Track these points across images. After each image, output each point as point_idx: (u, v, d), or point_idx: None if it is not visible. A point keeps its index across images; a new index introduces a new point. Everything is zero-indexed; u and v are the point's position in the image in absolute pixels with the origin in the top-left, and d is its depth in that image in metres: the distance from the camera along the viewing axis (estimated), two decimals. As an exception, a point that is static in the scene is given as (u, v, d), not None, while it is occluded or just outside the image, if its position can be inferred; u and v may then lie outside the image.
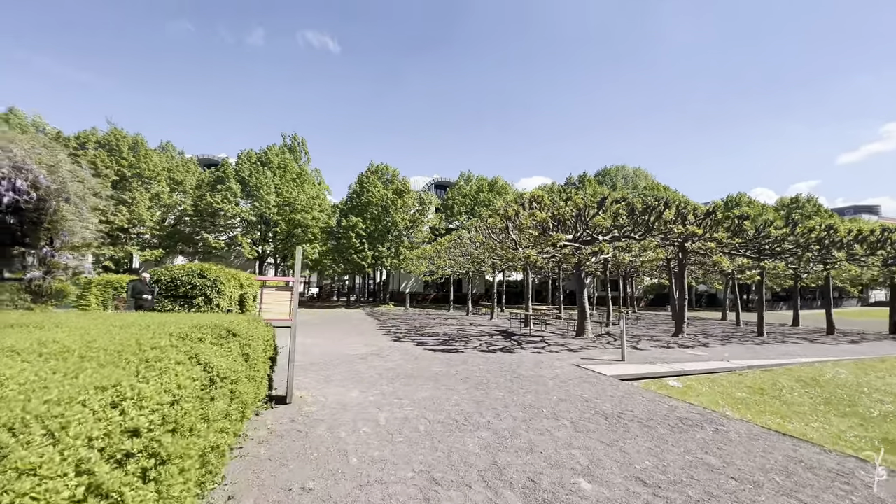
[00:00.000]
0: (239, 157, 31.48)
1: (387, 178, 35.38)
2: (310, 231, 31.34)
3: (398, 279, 40.39)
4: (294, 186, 31.48)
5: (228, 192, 28.62)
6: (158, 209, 30.43)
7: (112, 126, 30.37)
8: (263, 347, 4.65)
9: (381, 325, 16.90)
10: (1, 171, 9.05)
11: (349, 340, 11.83)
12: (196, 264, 12.98)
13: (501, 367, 8.19)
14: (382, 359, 8.80)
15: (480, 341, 12.36)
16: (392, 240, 33.06)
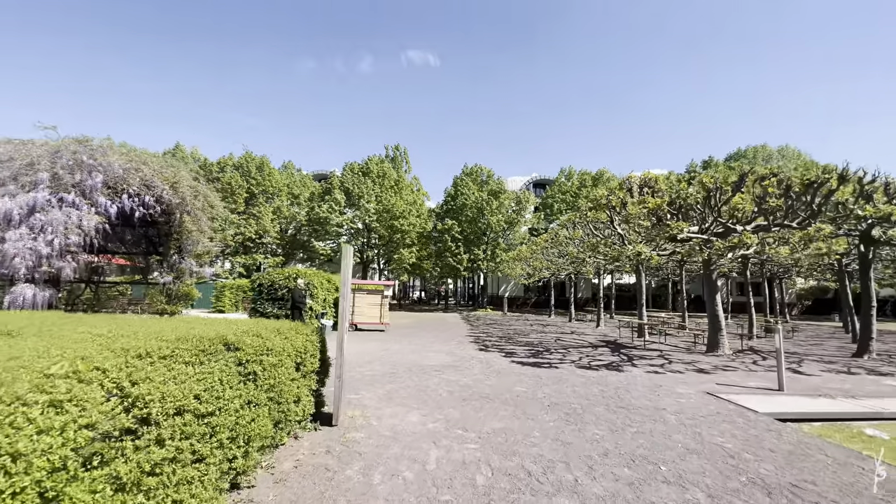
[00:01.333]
0: (344, 168, 33.74)
1: (482, 180, 34.61)
2: (407, 236, 32.08)
3: (496, 283, 39.23)
4: (392, 194, 32.56)
5: (333, 202, 30.72)
6: (279, 221, 34.12)
7: (246, 150, 34.94)
8: (297, 360, 3.97)
9: (472, 331, 15.93)
10: (132, 188, 10.37)
11: (432, 347, 11.08)
12: (294, 269, 13.61)
13: (604, 392, 6.52)
14: (460, 372, 7.77)
15: (581, 354, 10.57)
16: (488, 242, 32.11)
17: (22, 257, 7.89)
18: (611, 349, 11.70)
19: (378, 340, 12.44)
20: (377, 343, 11.80)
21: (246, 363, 2.96)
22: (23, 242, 7.93)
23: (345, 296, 4.67)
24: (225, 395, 2.61)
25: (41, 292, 8.42)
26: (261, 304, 12.73)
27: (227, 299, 24.13)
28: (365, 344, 11.49)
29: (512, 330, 16.98)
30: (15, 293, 7.99)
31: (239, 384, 2.83)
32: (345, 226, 32.16)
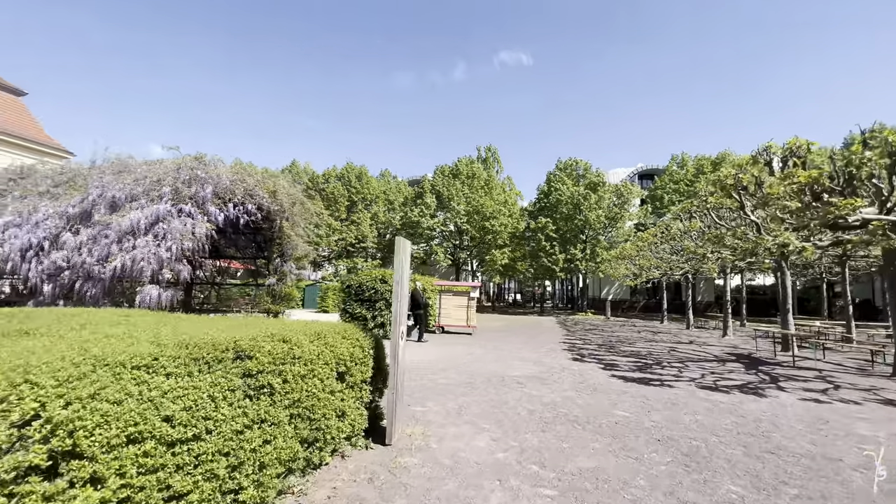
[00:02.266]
0: (435, 172, 34.25)
1: (577, 174, 32.22)
2: (499, 237, 31.23)
3: (597, 284, 36.16)
4: (482, 194, 32.02)
5: (424, 205, 31.25)
6: (376, 226, 35.94)
7: (348, 162, 37.58)
8: (340, 369, 3.48)
9: (568, 337, 14.44)
10: (237, 198, 11.37)
11: (519, 354, 10.08)
12: (380, 271, 13.76)
13: (740, 425, 4.94)
14: (547, 386, 6.70)
15: (703, 370, 8.63)
16: (587, 240, 29.66)
17: (147, 261, 9.00)
18: (745, 365, 9.42)
19: (462, 344, 11.84)
20: (460, 347, 11.19)
21: (257, 375, 2.49)
22: (148, 248, 9.04)
23: (399, 296, 4.09)
24: (218, 415, 2.14)
25: (164, 292, 9.55)
26: (350, 304, 13.08)
27: (330, 300, 25.94)
28: (446, 347, 10.97)
29: (615, 337, 15.04)
30: (143, 293, 9.16)
31: (244, 400, 2.37)
32: (437, 228, 32.54)
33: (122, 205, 9.74)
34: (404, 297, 4.23)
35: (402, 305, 4.12)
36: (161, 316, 4.29)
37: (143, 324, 3.22)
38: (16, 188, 11.30)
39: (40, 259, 9.44)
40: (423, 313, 12.72)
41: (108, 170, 10.88)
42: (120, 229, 9.13)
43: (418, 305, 12.63)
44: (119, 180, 10.21)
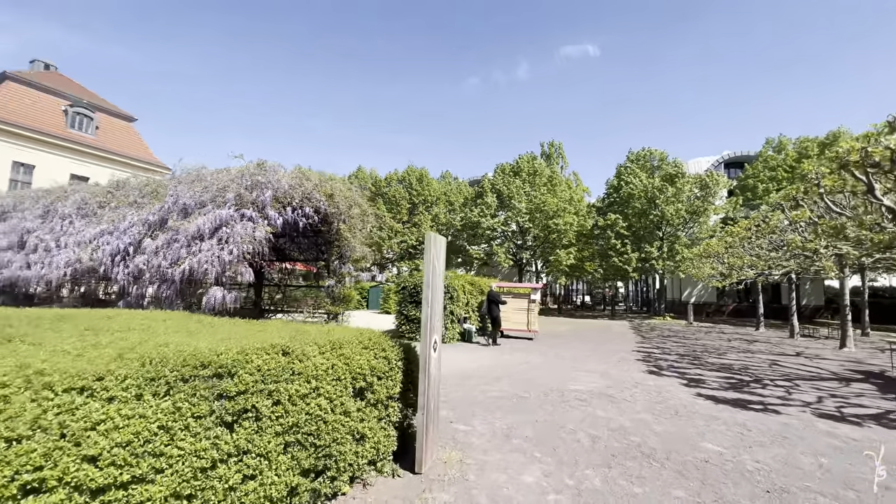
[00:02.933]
0: (495, 170, 33.42)
1: (651, 165, 29.51)
2: (564, 236, 29.56)
3: (678, 285, 32.83)
4: (545, 192, 30.55)
5: (484, 205, 30.54)
6: (437, 228, 35.93)
7: (409, 165, 38.12)
8: (359, 385, 3.02)
9: (642, 345, 12.92)
10: (295, 201, 11.67)
11: (584, 365, 9.05)
12: (436, 271, 13.43)
13: (894, 477, 3.69)
14: (615, 405, 5.74)
15: (820, 392, 7.01)
16: (663, 237, 27.00)
17: (210, 264, 9.44)
18: (878, 387, 7.55)
19: (520, 350, 11.02)
20: (517, 354, 10.40)
21: (237, 396, 2.07)
22: (211, 252, 9.48)
23: (430, 300, 3.53)
24: (174, 449, 1.74)
25: (228, 294, 9.99)
26: (405, 306, 12.85)
27: (392, 302, 26.26)
28: (502, 355, 10.23)
29: (700, 346, 13.20)
30: (209, 294, 9.62)
31: (217, 428, 1.96)
32: (498, 228, 31.67)
33: (193, 211, 10.37)
34: (437, 302, 3.67)
35: (433, 310, 3.57)
36: (198, 320, 4.13)
37: (161, 329, 3.02)
38: (112, 200, 12.58)
39: (126, 263, 10.34)
40: (499, 316, 12.15)
41: (183, 179, 11.73)
42: (188, 234, 9.71)
43: (495, 306, 12.14)
44: (191, 188, 10.92)
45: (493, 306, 12.14)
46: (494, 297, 12.38)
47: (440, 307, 3.79)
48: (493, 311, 12.13)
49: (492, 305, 12.16)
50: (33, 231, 12.54)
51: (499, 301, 12.42)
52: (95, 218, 11.89)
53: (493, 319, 12.10)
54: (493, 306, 12.15)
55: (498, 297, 12.50)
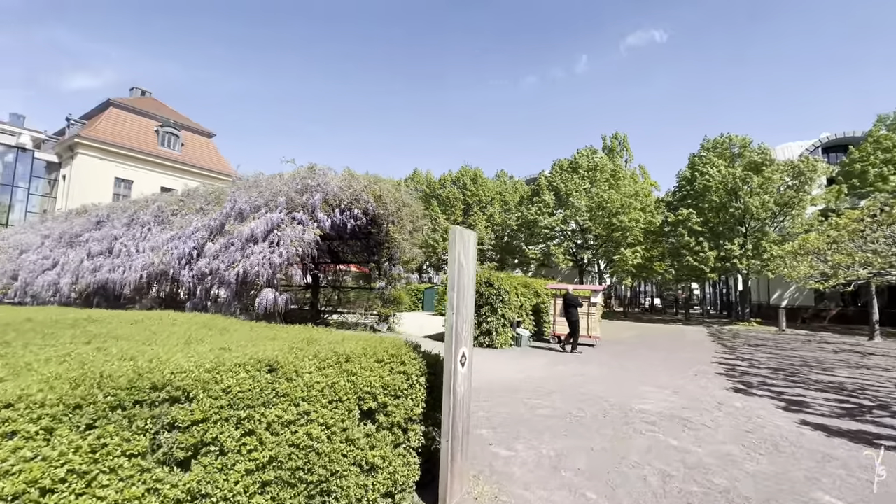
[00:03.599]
0: (552, 167, 31.99)
1: (732, 153, 26.44)
2: (629, 234, 27.44)
3: (764, 287, 29.14)
4: (606, 187, 28.61)
5: (541, 203, 29.28)
6: (493, 228, 35.19)
7: (462, 165, 37.84)
8: (368, 406, 2.58)
9: (723, 356, 11.30)
10: (343, 203, 11.70)
11: (653, 378, 7.96)
12: (486, 272, 12.81)
13: None
14: (693, 432, 4.79)
15: (978, 426, 5.43)
16: (747, 233, 24.03)
17: (262, 266, 9.67)
18: None
19: (577, 360, 10.07)
20: (574, 363, 9.48)
21: (191, 427, 1.69)
22: (263, 254, 9.71)
23: (455, 306, 3.01)
24: (92, 499, 1.38)
25: (280, 296, 10.20)
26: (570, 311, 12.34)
27: (445, 303, 26.07)
28: (556, 364, 9.38)
29: (797, 358, 11.27)
30: (261, 296, 9.88)
31: (154, 469, 1.58)
32: (556, 227, 30.23)
33: (248, 215, 10.77)
34: (465, 307, 3.14)
35: (459, 317, 3.03)
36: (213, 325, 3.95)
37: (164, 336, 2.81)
38: (183, 207, 13.50)
39: (191, 266, 10.96)
40: (578, 320, 11.39)
41: (241, 185, 12.30)
42: (242, 237, 10.07)
43: (573, 310, 11.39)
44: (247, 193, 11.38)
45: (572, 310, 11.35)
46: (572, 299, 11.57)
47: (470, 313, 3.25)
48: (572, 314, 11.34)
49: (569, 309, 11.38)
50: (119, 237, 13.80)
51: (576, 304, 11.60)
52: (168, 224, 12.80)
53: (571, 324, 11.28)
54: (570, 310, 11.36)
55: (575, 300, 11.66)
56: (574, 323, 11.32)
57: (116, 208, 16.76)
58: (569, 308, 11.47)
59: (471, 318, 3.25)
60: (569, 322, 11.44)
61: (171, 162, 35.95)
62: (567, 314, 11.49)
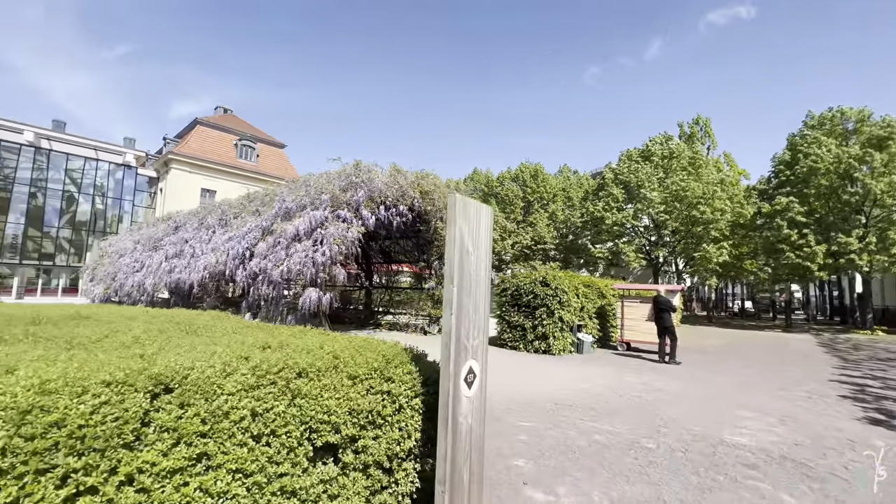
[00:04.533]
0: (620, 158, 29.46)
1: (845, 129, 22.27)
2: (712, 227, 24.25)
3: (892, 287, 24.20)
4: (684, 176, 25.60)
5: (608, 197, 27.00)
6: (555, 226, 33.32)
7: (521, 162, 36.42)
8: (304, 444, 1.88)
9: (845, 371, 9.07)
10: (388, 200, 11.30)
11: (749, 399, 6.39)
12: (542, 271, 11.69)
13: None
14: (819, 485, 3.45)
15: None
16: (868, 223, 20.03)
17: (305, 265, 9.52)
18: None
19: (649, 370, 8.62)
20: (646, 375, 8.08)
21: None
22: (305, 253, 9.56)
23: (454, 303, 2.19)
24: None
25: (324, 295, 10.00)
26: (506, 311, 11.43)
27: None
28: (624, 375, 8.04)
29: (954, 379, 8.71)
30: (304, 295, 9.74)
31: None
32: (626, 223, 27.71)
33: (294, 214, 10.79)
34: (471, 304, 2.31)
35: (459, 318, 2.21)
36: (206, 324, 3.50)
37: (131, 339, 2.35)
38: (243, 210, 14.04)
39: (244, 266, 11.21)
40: (672, 326, 9.95)
41: (291, 186, 12.48)
42: (287, 236, 10.04)
43: (666, 315, 10.04)
44: (294, 193, 11.45)
45: (665, 315, 9.96)
46: (664, 302, 10.19)
47: (483, 315, 2.41)
48: (665, 319, 9.92)
49: (662, 314, 10.00)
50: (189, 240, 14.67)
51: (670, 308, 10.20)
52: (229, 227, 13.32)
53: (665, 331, 9.87)
54: (663, 314, 9.97)
55: (668, 303, 10.28)
56: (668, 329, 9.83)
57: (191, 214, 18.05)
58: (661, 312, 10.01)
59: (484, 321, 2.42)
60: (661, 329, 9.96)
61: (247, 172, 38.81)
62: (659, 319, 10.03)
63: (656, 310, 10.22)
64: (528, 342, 10.50)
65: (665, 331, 9.91)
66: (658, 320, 10.10)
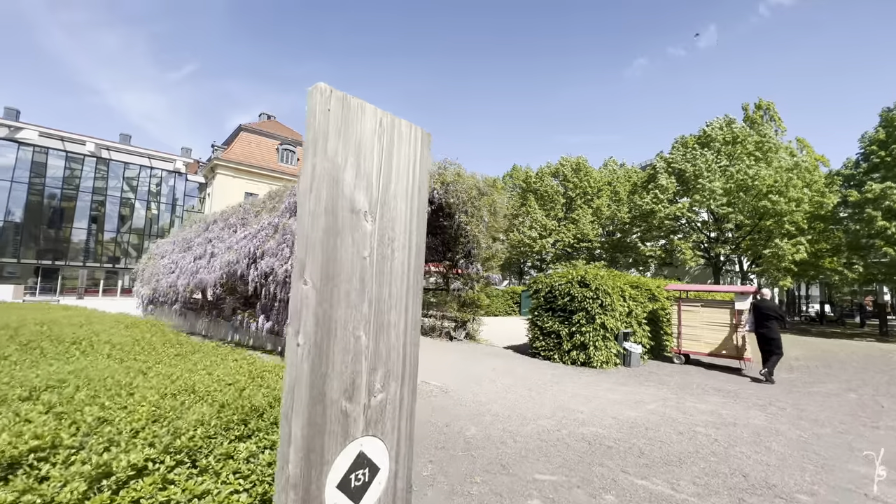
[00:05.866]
0: (673, 146, 26.75)
1: (957, 99, 18.58)
2: (786, 220, 21.18)
3: None
4: (752, 162, 22.64)
5: (659, 189, 24.50)
6: (600, 222, 30.99)
7: (562, 156, 34.37)
8: None
9: None
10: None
11: (872, 440, 4.66)
12: (581, 269, 10.16)
13: None
14: None
15: None
16: None
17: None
18: None
19: (718, 392, 6.91)
20: (714, 399, 6.42)
21: None
22: (310, 250, 8.70)
23: (302, 326, 1.01)
24: None
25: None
26: (539, 315, 10.01)
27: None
28: (684, 399, 6.41)
29: None
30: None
31: None
32: (681, 217, 25.05)
33: (302, 209, 10.03)
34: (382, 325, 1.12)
35: (312, 362, 1.02)
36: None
37: None
38: (263, 208, 13.57)
39: (256, 265, 10.61)
40: (779, 338, 8.09)
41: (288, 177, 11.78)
42: (290, 232, 9.28)
43: (774, 323, 8.20)
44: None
45: (772, 323, 8.10)
46: (770, 307, 8.30)
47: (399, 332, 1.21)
48: (770, 329, 8.05)
49: (767, 321, 8.13)
50: (212, 240, 14.44)
51: (778, 315, 8.32)
52: (248, 226, 12.87)
53: (769, 343, 8.04)
54: (770, 322, 8.10)
55: (775, 308, 8.42)
56: (774, 341, 7.97)
57: (220, 214, 18.08)
58: (766, 319, 8.11)
59: (406, 349, 1.22)
60: (764, 339, 8.09)
61: (288, 175, 39.58)
62: (762, 328, 8.14)
63: (758, 316, 8.28)
64: (563, 352, 9.04)
65: (769, 343, 8.01)
66: (760, 329, 8.19)
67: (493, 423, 4.78)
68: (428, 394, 6.19)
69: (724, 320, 9.39)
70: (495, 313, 24.40)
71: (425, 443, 4.09)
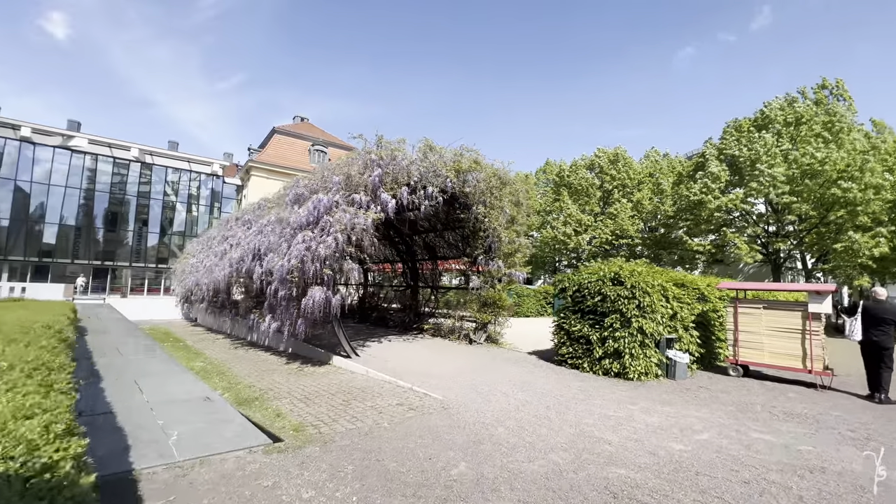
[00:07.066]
0: (725, 130, 24.21)
1: None
2: (861, 209, 18.42)
3: None
4: (820, 144, 19.93)
5: (709, 178, 22.18)
6: (641, 217, 28.79)
7: (598, 148, 32.32)
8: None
9: None
10: (412, 180, 9.33)
11: None
12: (616, 264, 8.81)
13: None
14: None
15: None
16: None
17: (306, 259, 7.90)
18: None
19: (793, 418, 5.47)
20: (788, 426, 5.02)
21: None
22: (307, 244, 7.95)
23: None
24: None
25: (334, 296, 8.33)
26: (565, 316, 8.78)
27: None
28: (745, 426, 5.04)
29: None
30: (309, 296, 8.13)
31: None
32: (735, 209, 22.61)
33: (304, 201, 9.35)
34: None
35: None
36: None
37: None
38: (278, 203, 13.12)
39: (261, 262, 10.06)
40: (891, 349, 6.49)
41: (312, 172, 11.17)
42: (292, 226, 8.59)
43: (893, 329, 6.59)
44: (309, 178, 10.06)
45: (889, 328, 6.53)
46: (887, 310, 6.67)
47: None
48: (883, 338, 6.56)
49: (882, 325, 6.57)
50: (227, 238, 14.16)
51: (881, 319, 6.65)
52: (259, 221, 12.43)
53: (880, 354, 6.49)
54: (886, 328, 6.54)
55: (893, 310, 6.75)
56: (887, 352, 6.39)
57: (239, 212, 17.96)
58: (880, 324, 6.53)
59: None
60: (875, 350, 6.53)
61: (318, 175, 39.87)
62: (874, 337, 6.56)
63: (868, 321, 6.69)
64: (594, 360, 7.80)
65: (880, 354, 6.44)
66: (871, 336, 6.61)
67: (490, 457, 3.76)
68: (423, 410, 5.23)
69: (793, 325, 7.77)
70: (527, 314, 23.03)
71: (390, 486, 3.13)
